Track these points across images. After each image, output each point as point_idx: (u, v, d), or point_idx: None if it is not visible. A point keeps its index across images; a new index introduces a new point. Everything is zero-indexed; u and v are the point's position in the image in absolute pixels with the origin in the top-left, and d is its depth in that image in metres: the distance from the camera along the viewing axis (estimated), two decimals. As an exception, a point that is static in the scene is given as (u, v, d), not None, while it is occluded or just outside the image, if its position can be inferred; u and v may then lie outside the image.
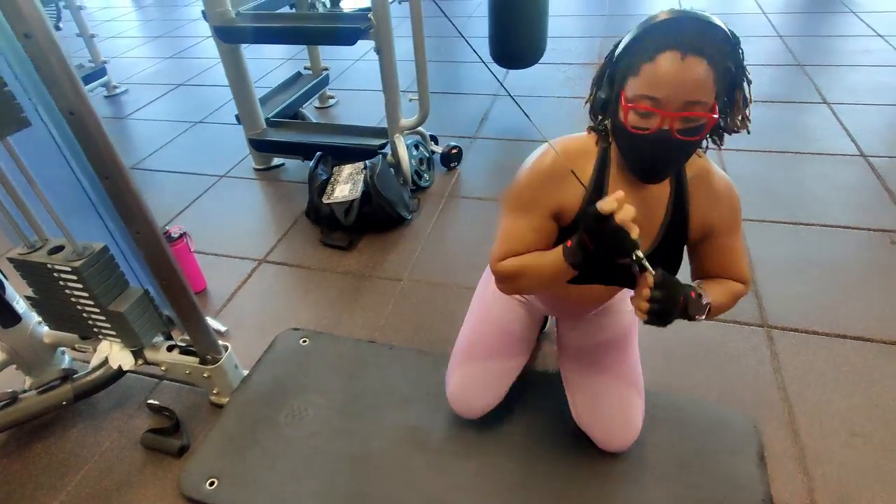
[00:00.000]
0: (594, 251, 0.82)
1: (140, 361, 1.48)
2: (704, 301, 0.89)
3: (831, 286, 1.76)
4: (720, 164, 2.40)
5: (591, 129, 0.94)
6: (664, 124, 0.79)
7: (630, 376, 1.23)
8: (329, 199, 2.14)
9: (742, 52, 0.81)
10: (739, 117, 0.86)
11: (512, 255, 0.97)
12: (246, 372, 1.59)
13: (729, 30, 0.79)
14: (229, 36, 2.27)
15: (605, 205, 0.77)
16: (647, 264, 0.82)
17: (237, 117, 2.57)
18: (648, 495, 1.21)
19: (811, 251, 1.91)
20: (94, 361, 1.47)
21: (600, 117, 0.91)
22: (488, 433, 1.36)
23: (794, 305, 1.70)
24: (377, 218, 2.14)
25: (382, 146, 2.34)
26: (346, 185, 2.16)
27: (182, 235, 1.84)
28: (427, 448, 1.34)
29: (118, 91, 3.77)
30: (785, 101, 2.91)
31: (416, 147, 2.44)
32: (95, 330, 1.42)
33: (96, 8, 5.97)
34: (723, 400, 1.44)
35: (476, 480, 1.26)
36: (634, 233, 0.77)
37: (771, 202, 2.16)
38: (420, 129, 2.44)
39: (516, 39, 2.69)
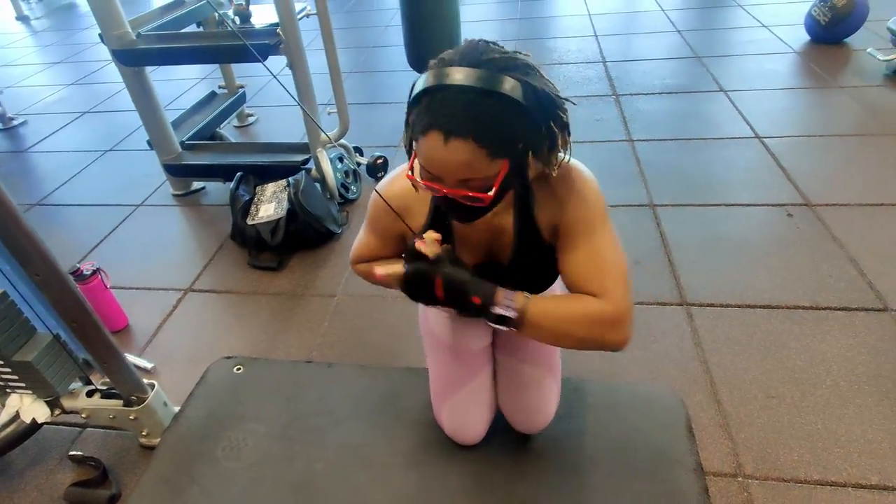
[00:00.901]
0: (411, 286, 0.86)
1: (57, 412, 1.38)
2: (504, 297, 0.81)
3: (739, 260, 1.89)
4: (633, 155, 2.53)
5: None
6: (456, 198, 0.77)
7: (548, 363, 1.25)
8: (254, 219, 2.09)
9: (544, 97, 0.72)
10: (554, 158, 0.80)
11: (363, 261, 1.04)
12: (177, 408, 1.51)
13: (517, 83, 0.69)
14: (131, 59, 2.17)
15: (420, 244, 0.83)
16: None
17: (149, 143, 2.45)
18: (588, 479, 1.25)
19: (719, 229, 2.05)
20: (3, 418, 1.36)
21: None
22: (431, 441, 1.36)
23: (708, 281, 1.82)
24: (306, 235, 2.10)
25: (305, 162, 2.30)
26: (270, 205, 2.11)
27: (96, 272, 1.74)
28: (371, 464, 1.33)
29: (15, 123, 3.50)
30: (686, 91, 3.11)
31: (341, 160, 2.42)
32: (2, 384, 1.32)
33: (-17, 35, 5.54)
34: (651, 379, 1.52)
35: (422, 490, 1.26)
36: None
37: (681, 187, 2.30)
38: (343, 141, 2.43)
39: (429, 45, 2.73)
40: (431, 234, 0.83)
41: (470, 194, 0.75)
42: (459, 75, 0.69)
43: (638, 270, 1.89)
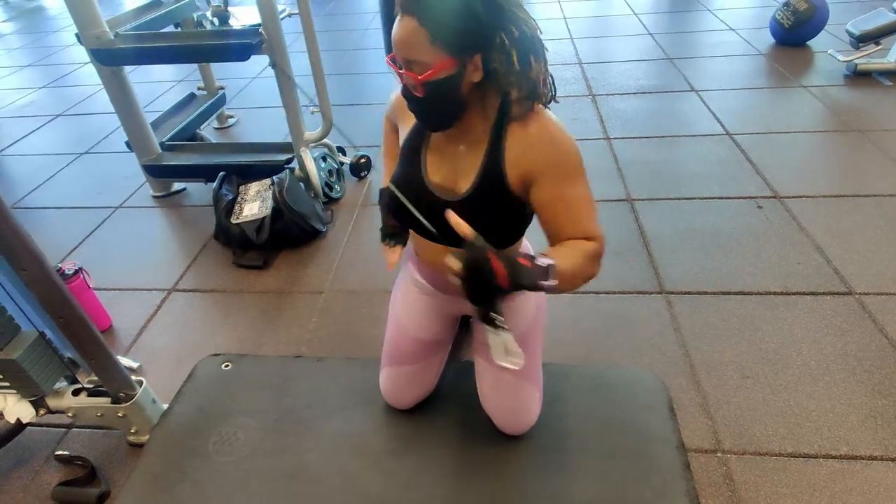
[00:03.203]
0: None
1: (42, 412, 1.36)
2: (543, 263, 0.82)
3: (713, 250, 1.97)
4: (610, 152, 2.60)
5: None
6: (403, 80, 0.88)
7: (527, 371, 1.27)
8: (238, 218, 2.09)
9: (495, 6, 0.80)
10: (513, 77, 0.85)
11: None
12: (166, 406, 1.51)
13: None
14: (109, 58, 2.15)
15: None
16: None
17: (127, 144, 2.43)
18: (575, 460, 1.30)
19: (694, 221, 2.12)
20: (-13, 418, 1.33)
21: None
22: (424, 428, 1.39)
23: (685, 271, 1.89)
24: (291, 233, 2.11)
25: (289, 161, 2.31)
26: (254, 203, 2.11)
27: (78, 271, 1.72)
28: (364, 452, 1.35)
29: (-16, 127, 3.42)
30: (659, 91, 3.20)
31: (324, 159, 2.43)
32: (-15, 383, 1.30)
33: (-53, 38, 5.38)
34: (634, 363, 1.57)
35: (416, 475, 1.29)
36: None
37: (656, 182, 2.38)
38: (326, 140, 2.44)
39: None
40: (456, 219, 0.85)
41: (409, 75, 0.84)
42: None
43: (618, 261, 1.95)
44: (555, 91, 0.94)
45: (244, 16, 2.67)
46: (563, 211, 0.93)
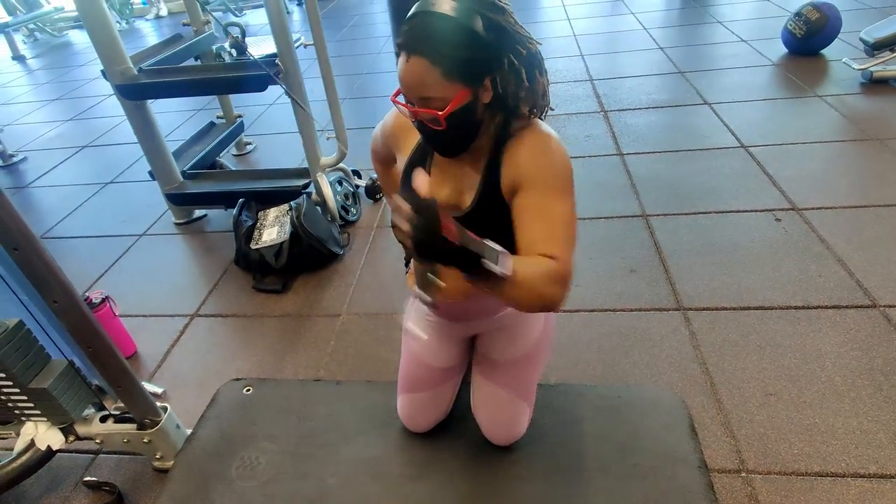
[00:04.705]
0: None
1: (72, 438, 1.40)
2: (496, 247, 0.76)
3: (731, 265, 1.95)
4: (623, 168, 2.61)
5: None
6: (417, 117, 0.88)
7: (521, 391, 1.28)
8: (257, 244, 2.13)
9: (502, 31, 0.82)
10: (522, 94, 0.87)
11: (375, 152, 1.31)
12: (189, 431, 1.54)
13: (479, 16, 0.80)
14: (134, 93, 2.23)
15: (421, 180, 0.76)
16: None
17: (150, 173, 2.51)
18: (595, 482, 1.28)
19: (711, 236, 2.11)
20: (19, 446, 1.37)
21: None
22: (442, 451, 1.39)
23: (703, 286, 1.87)
24: (309, 257, 2.15)
25: (306, 186, 2.36)
26: (273, 229, 2.16)
27: (104, 300, 1.77)
28: (383, 476, 1.36)
29: (15, 160, 3.56)
30: (672, 105, 3.21)
31: (340, 183, 2.48)
32: (17, 412, 1.34)
33: (-20, 76, 5.63)
34: (653, 381, 1.56)
35: (434, 499, 1.29)
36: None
37: (671, 196, 2.37)
38: (342, 164, 2.49)
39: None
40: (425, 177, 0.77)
41: (427, 112, 0.84)
42: (431, 5, 0.80)
43: (634, 278, 1.94)
44: (549, 101, 0.96)
45: (261, 46, 2.76)
46: (538, 223, 0.88)
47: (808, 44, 3.54)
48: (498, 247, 0.77)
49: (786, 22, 3.65)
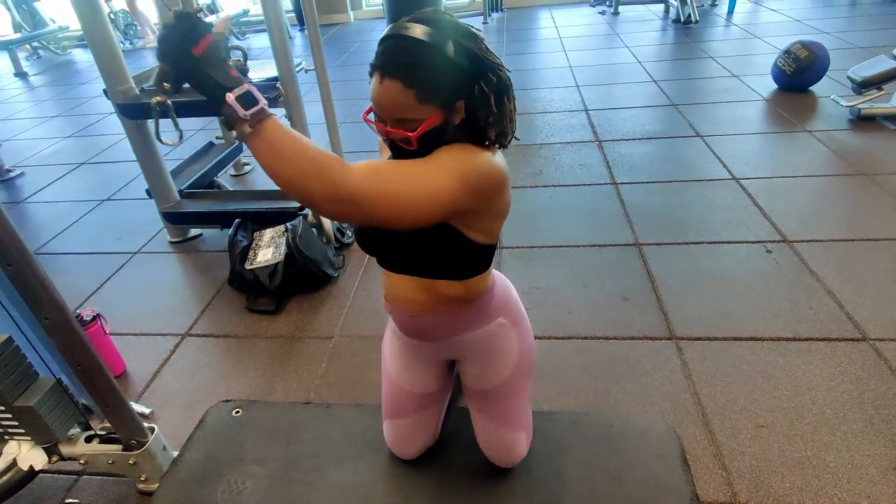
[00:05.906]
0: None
1: (55, 458, 1.38)
2: (260, 98, 0.76)
3: (723, 295, 1.97)
4: (617, 198, 2.64)
5: None
6: (388, 136, 0.89)
7: (511, 420, 1.27)
8: (252, 264, 2.13)
9: (473, 57, 0.82)
10: (491, 118, 0.88)
11: None
12: (176, 453, 1.51)
13: (451, 41, 0.80)
14: (135, 113, 2.26)
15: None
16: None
17: (147, 191, 2.52)
18: (588, 512, 1.27)
19: (703, 266, 2.13)
20: (0, 465, 1.35)
21: None
22: (430, 479, 1.37)
23: (695, 316, 1.88)
24: (304, 278, 2.15)
25: (302, 207, 2.37)
26: (268, 250, 2.16)
27: (95, 318, 1.76)
28: (371, 502, 1.34)
29: (12, 175, 3.56)
30: (665, 136, 3.27)
31: (337, 205, 2.49)
32: (0, 430, 1.32)
33: (-18, 91, 5.67)
34: (644, 411, 1.55)
35: (425, 526, 1.27)
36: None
37: (664, 226, 2.40)
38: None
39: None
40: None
41: (399, 132, 0.84)
42: (406, 29, 0.81)
43: (627, 307, 1.95)
44: (515, 127, 0.95)
45: (263, 70, 2.80)
46: (385, 165, 0.83)
47: (797, 81, 3.64)
48: (261, 98, 0.75)
49: (776, 59, 3.76)
